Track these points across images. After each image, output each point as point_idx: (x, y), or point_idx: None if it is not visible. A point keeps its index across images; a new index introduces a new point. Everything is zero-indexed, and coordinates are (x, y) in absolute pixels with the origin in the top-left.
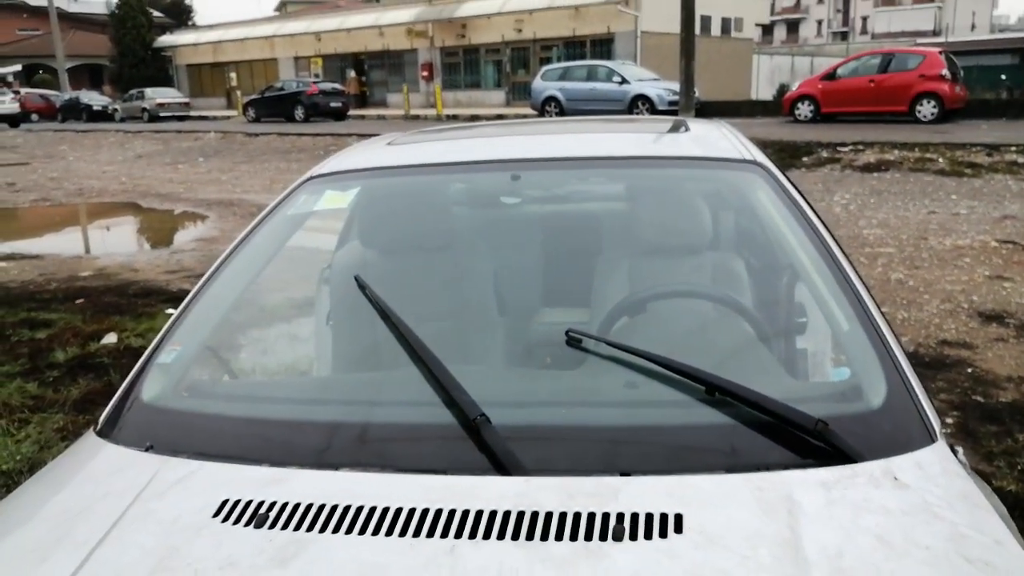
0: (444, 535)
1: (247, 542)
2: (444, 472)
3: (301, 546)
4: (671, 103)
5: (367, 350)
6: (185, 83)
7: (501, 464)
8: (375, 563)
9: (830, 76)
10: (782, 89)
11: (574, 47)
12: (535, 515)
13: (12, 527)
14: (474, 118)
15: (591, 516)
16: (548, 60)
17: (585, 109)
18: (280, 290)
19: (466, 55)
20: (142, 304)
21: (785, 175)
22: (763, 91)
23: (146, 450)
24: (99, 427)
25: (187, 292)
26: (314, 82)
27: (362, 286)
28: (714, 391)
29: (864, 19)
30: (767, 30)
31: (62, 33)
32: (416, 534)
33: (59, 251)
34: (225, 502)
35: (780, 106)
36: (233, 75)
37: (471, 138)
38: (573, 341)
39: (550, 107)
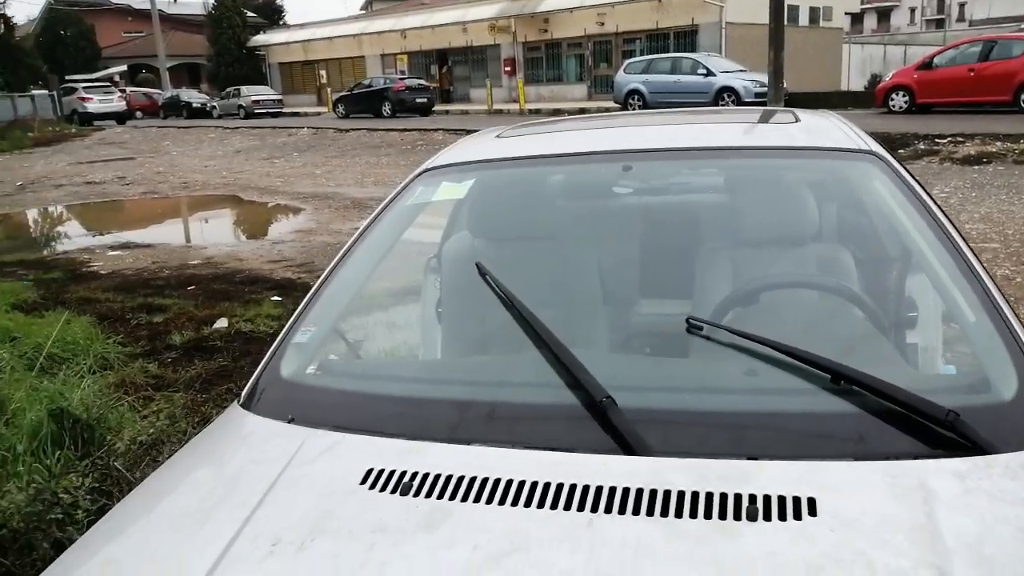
0: (580, 509)
1: (394, 508)
2: (570, 450)
3: (446, 513)
4: (758, 95)
5: (487, 333)
6: (278, 81)
7: (628, 444)
8: (517, 530)
9: (926, 65)
10: (874, 79)
11: (657, 40)
12: (667, 494)
13: (177, 489)
14: (556, 112)
15: (723, 496)
16: (631, 53)
17: (669, 102)
18: (400, 276)
19: (548, 49)
20: (248, 291)
21: (904, 166)
22: (854, 82)
23: (288, 422)
24: (242, 400)
25: (289, 281)
26: (400, 78)
27: (483, 273)
28: (840, 379)
29: (961, 5)
30: (857, 19)
31: (163, 34)
32: (553, 507)
33: (169, 241)
34: (370, 471)
35: (872, 97)
36: (323, 72)
37: (578, 130)
38: (693, 328)
39: (633, 100)
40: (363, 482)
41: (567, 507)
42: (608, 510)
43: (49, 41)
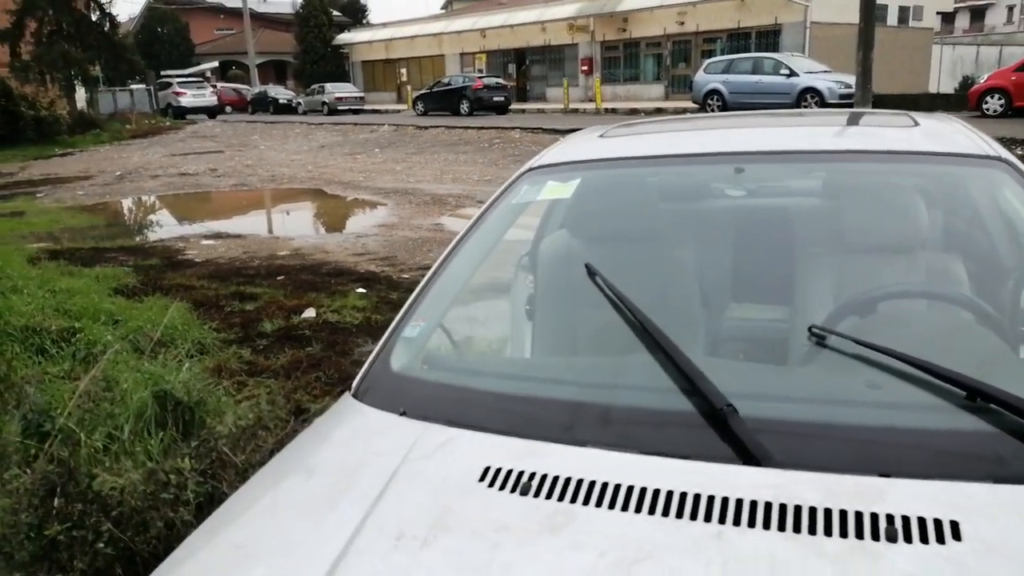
0: (707, 519)
1: (515, 508)
2: (688, 458)
3: (569, 516)
4: (843, 96)
5: (595, 334)
6: (360, 78)
7: (750, 455)
8: (644, 538)
9: None
10: (966, 82)
11: (738, 39)
12: (798, 508)
13: (298, 477)
14: (633, 112)
15: (858, 515)
16: (711, 53)
17: (749, 103)
18: (506, 274)
19: (626, 49)
20: (335, 283)
21: None
22: (943, 84)
23: (401, 414)
24: (354, 391)
25: (373, 274)
26: (479, 77)
27: (592, 273)
28: (976, 396)
29: None
30: (948, 18)
31: (252, 32)
32: (679, 515)
33: (258, 232)
34: (487, 468)
35: (964, 100)
36: (403, 71)
37: (684, 131)
38: (816, 337)
39: (712, 101)
40: (481, 479)
41: (693, 517)
42: (737, 522)
43: (147, 37)
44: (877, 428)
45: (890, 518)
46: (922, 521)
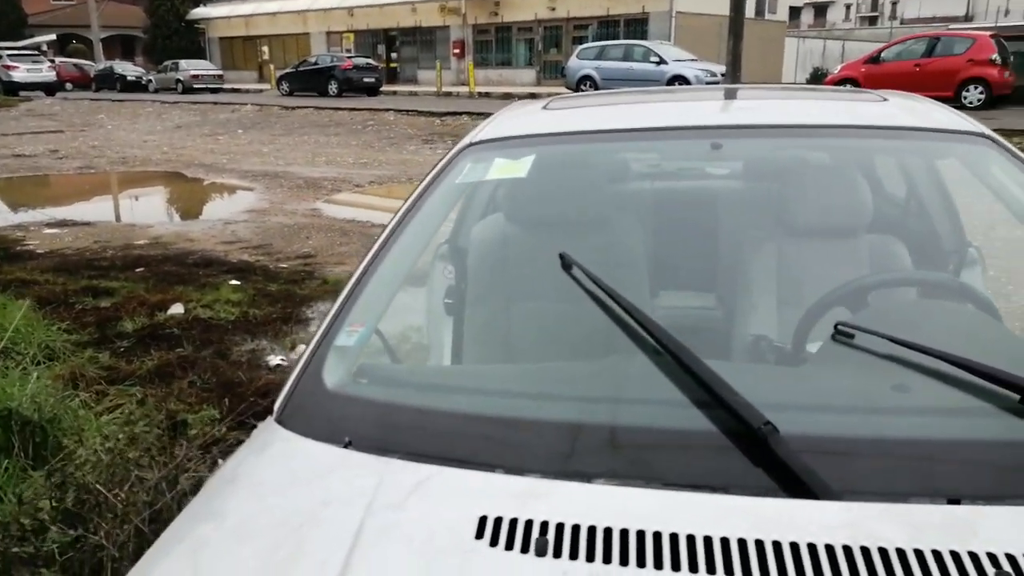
0: (781, 574)
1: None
2: (726, 491)
3: None
4: (709, 83)
5: (575, 338)
6: (217, 56)
7: (801, 484)
8: None
9: (874, 60)
10: (816, 73)
11: (608, 27)
12: (884, 552)
13: (222, 543)
14: (507, 96)
15: (955, 555)
16: (581, 39)
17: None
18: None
19: (498, 33)
20: (204, 275)
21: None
22: (793, 75)
23: (345, 446)
24: (278, 415)
25: (247, 263)
26: (348, 57)
27: (569, 265)
28: None
29: (894, 4)
30: (794, 13)
31: (96, 3)
32: (746, 571)
33: (110, 219)
34: (483, 519)
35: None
36: (265, 49)
37: (639, 103)
38: (843, 335)
39: (585, 86)
40: (479, 536)
41: (764, 572)
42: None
43: None
44: (935, 442)
45: (993, 559)
46: None
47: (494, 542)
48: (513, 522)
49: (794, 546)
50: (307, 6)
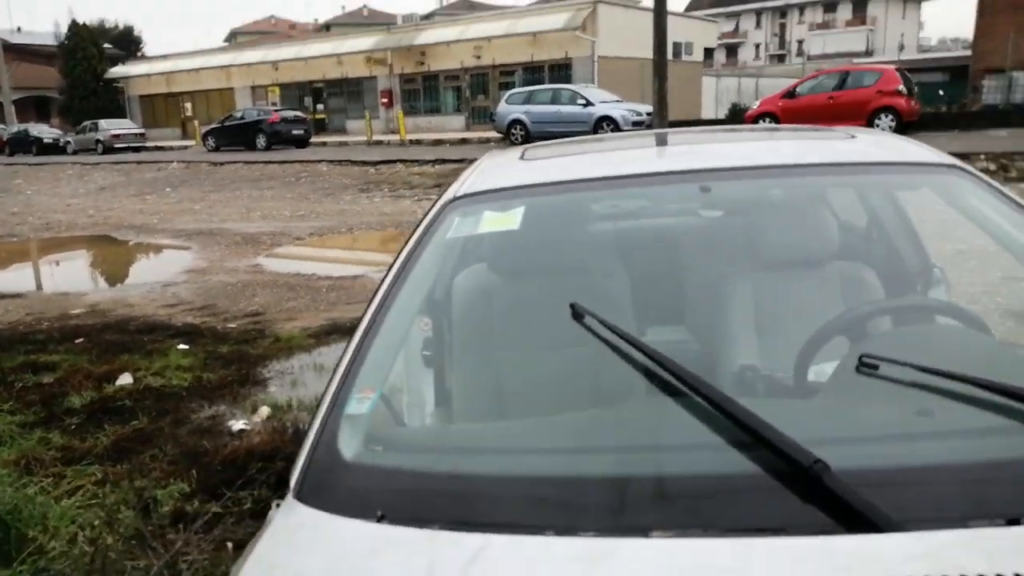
0: None
1: None
2: (787, 532)
3: None
4: (635, 123)
5: (593, 388)
6: (138, 114)
7: (863, 518)
8: None
9: (790, 94)
10: (735, 108)
11: (532, 72)
12: None
13: None
14: (438, 142)
15: None
16: (508, 85)
17: (551, 132)
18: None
19: (425, 81)
20: (148, 341)
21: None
22: (711, 111)
23: (379, 520)
24: (297, 492)
25: (192, 326)
26: (275, 110)
27: (580, 315)
28: None
29: (800, 42)
30: (708, 53)
31: (6, 65)
32: None
33: (40, 288)
34: None
35: (740, 123)
36: (188, 105)
37: (611, 151)
38: (867, 367)
39: (515, 130)
40: None
41: None
42: None
43: None
44: (984, 464)
45: None
46: None
47: None
48: None
49: None
50: (230, 61)
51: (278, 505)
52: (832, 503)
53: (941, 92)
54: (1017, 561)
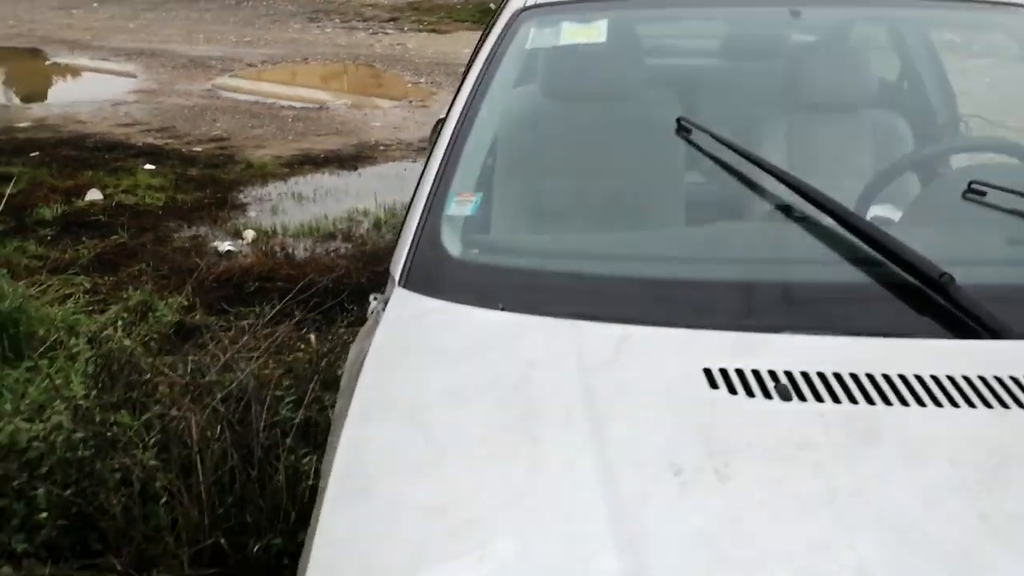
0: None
1: (794, 418)
2: (908, 335)
3: (869, 420)
4: None
5: (712, 202)
6: None
7: (985, 326)
8: (980, 437)
9: None
10: None
11: None
12: None
13: (439, 401)
14: None
15: None
16: None
17: None
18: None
19: None
20: (111, 159)
21: None
22: None
23: (501, 310)
24: (405, 282)
25: (155, 147)
26: None
27: (687, 128)
28: None
29: None
30: None
31: None
32: (985, 404)
33: None
34: (708, 371)
35: None
36: None
37: None
38: (975, 193)
39: None
40: (713, 386)
41: (1004, 404)
42: None
43: None
44: None
45: None
46: None
47: (732, 391)
48: (740, 372)
49: (1015, 379)
50: None
51: (376, 299)
52: (958, 311)
53: None
54: None
